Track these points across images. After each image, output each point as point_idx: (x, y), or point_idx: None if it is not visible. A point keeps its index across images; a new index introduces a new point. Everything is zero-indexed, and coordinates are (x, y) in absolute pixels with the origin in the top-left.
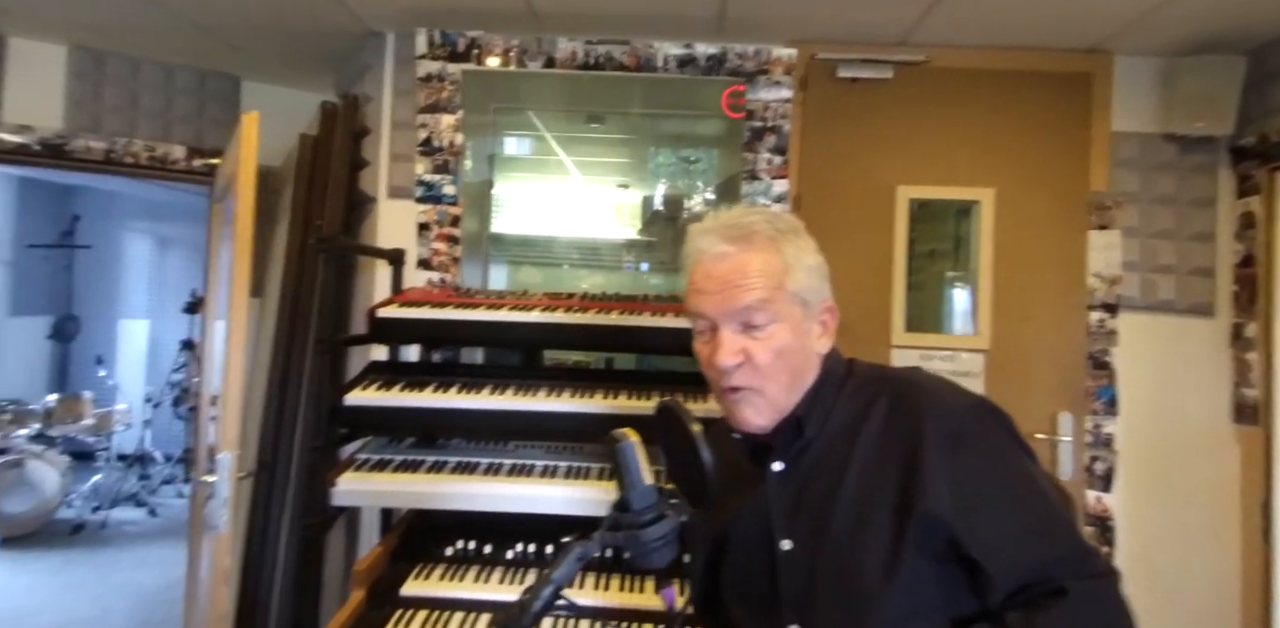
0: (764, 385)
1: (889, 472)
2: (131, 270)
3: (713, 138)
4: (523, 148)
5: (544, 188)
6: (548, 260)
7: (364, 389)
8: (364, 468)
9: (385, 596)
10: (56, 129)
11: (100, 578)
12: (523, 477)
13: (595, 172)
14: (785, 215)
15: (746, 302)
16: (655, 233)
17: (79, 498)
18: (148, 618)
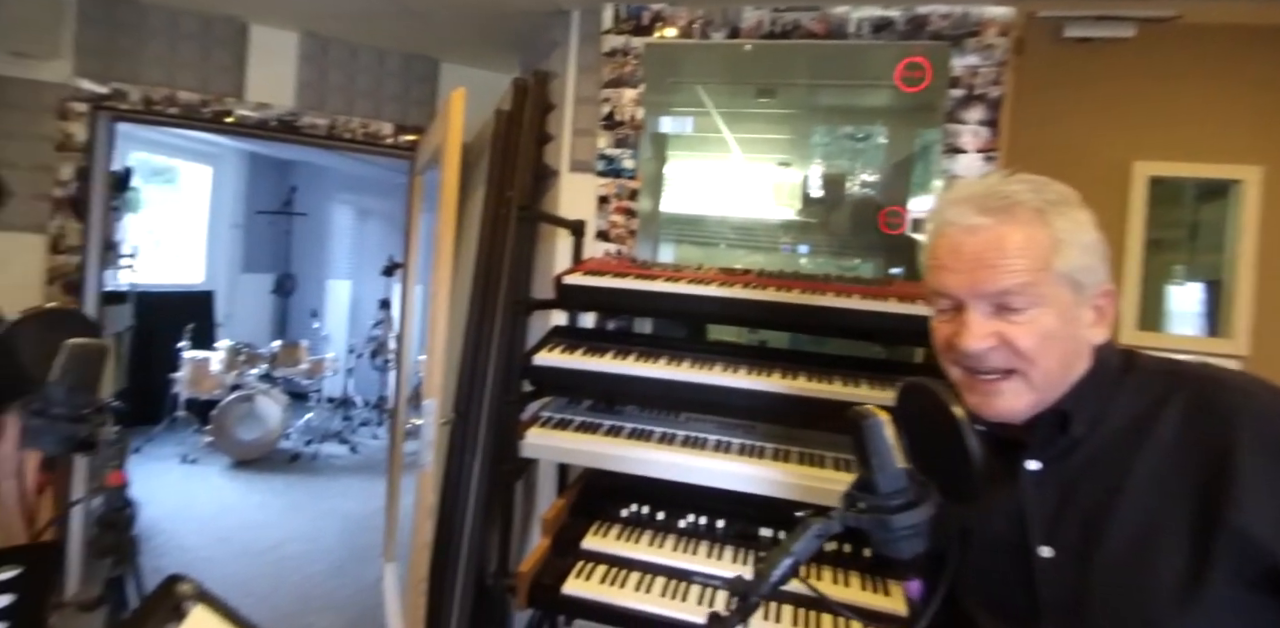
0: (1027, 368)
1: (1187, 482)
2: (337, 237)
3: (883, 113)
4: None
5: (706, 166)
6: (705, 239)
7: (549, 351)
8: (548, 425)
9: (568, 546)
10: (289, 107)
11: (314, 502)
12: (696, 449)
13: (757, 149)
14: (1055, 184)
15: (1004, 284)
16: (814, 214)
17: (295, 432)
18: (353, 540)
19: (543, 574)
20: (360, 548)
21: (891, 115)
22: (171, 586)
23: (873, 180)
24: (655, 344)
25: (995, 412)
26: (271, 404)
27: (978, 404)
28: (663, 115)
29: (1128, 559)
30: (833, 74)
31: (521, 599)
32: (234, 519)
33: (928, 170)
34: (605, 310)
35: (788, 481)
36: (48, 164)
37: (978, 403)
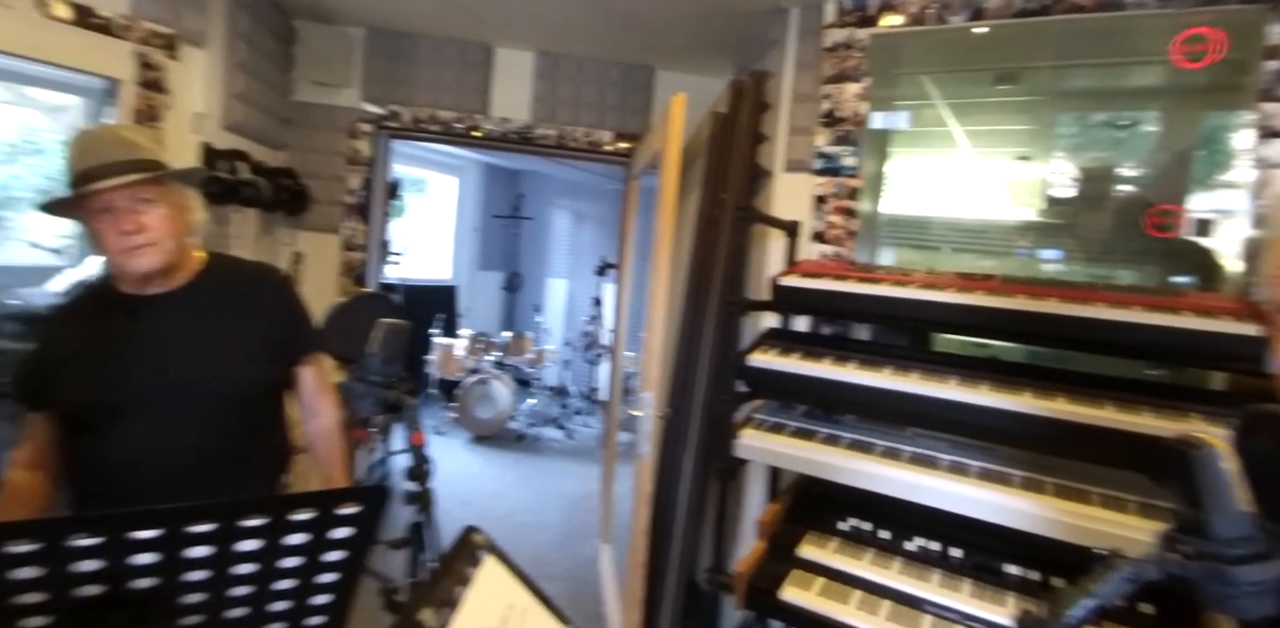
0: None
1: None
2: (556, 239)
3: (1154, 94)
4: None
5: (932, 163)
6: (928, 243)
7: (763, 353)
8: (762, 427)
9: (783, 552)
10: (525, 120)
11: (537, 479)
12: (926, 467)
13: (989, 143)
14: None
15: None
16: (1061, 214)
17: (521, 415)
18: (570, 518)
19: (759, 577)
20: (578, 525)
21: (1165, 97)
22: (469, 535)
23: (1138, 174)
24: (878, 352)
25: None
26: (503, 388)
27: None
28: (886, 110)
29: None
30: (1090, 52)
31: (739, 600)
32: (474, 486)
33: (1214, 161)
34: (822, 314)
35: (1042, 514)
36: (340, 175)
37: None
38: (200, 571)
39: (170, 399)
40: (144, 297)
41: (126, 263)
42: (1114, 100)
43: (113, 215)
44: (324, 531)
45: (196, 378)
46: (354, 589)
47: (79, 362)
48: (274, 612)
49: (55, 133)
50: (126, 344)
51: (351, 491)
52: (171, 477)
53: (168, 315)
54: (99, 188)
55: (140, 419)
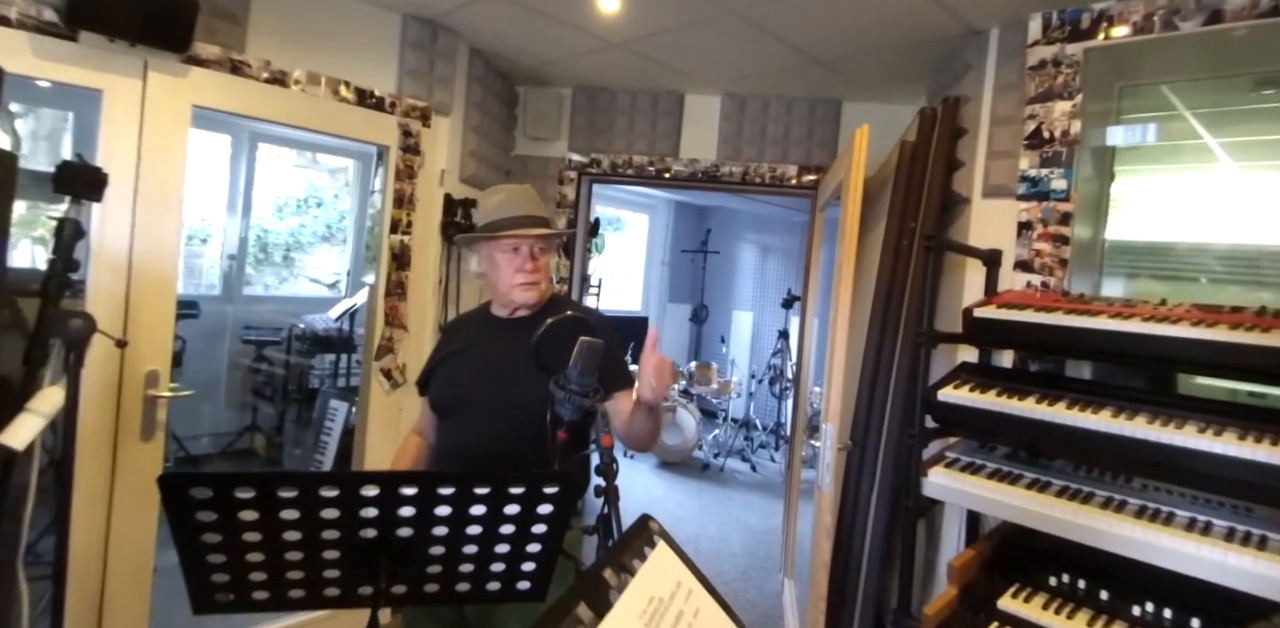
0: None
1: None
2: (742, 272)
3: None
4: (1150, 134)
5: (1174, 181)
6: (1174, 272)
7: (956, 388)
8: (954, 466)
9: (980, 602)
10: (712, 160)
11: (721, 509)
12: (1157, 523)
13: (1256, 155)
14: None
15: None
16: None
17: (706, 445)
18: (754, 550)
19: (949, 624)
20: (761, 558)
21: None
22: (646, 521)
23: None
24: (1095, 392)
25: None
26: (689, 416)
27: None
28: (1108, 126)
29: None
30: None
31: None
32: (659, 509)
33: None
34: (1023, 348)
35: None
36: (558, 217)
37: None
38: (441, 526)
39: (491, 400)
40: (508, 319)
41: (516, 293)
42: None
43: (518, 256)
44: (532, 505)
45: (508, 387)
46: (553, 559)
47: (448, 363)
48: (492, 572)
49: (332, 190)
50: (481, 354)
51: (553, 473)
52: (483, 457)
53: (516, 335)
54: (527, 234)
55: (473, 411)
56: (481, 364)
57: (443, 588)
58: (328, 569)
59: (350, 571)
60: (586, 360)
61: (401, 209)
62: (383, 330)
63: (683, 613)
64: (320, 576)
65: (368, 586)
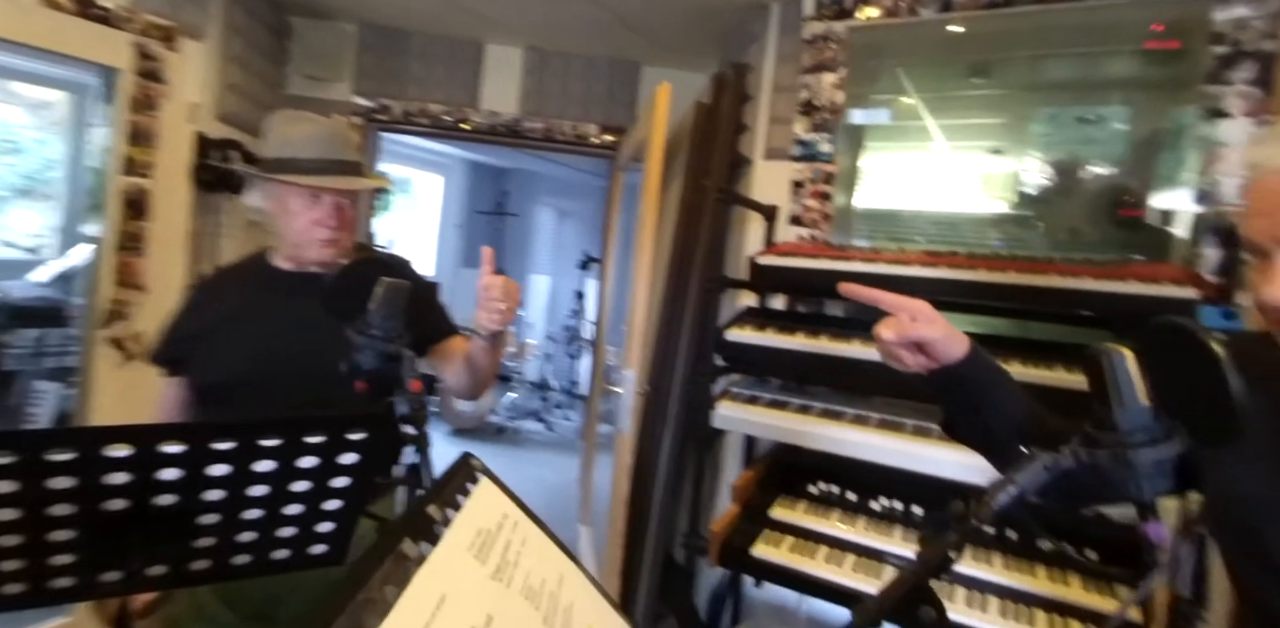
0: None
1: None
2: (540, 235)
3: (1124, 86)
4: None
5: (905, 158)
6: (901, 236)
7: (741, 328)
8: (738, 400)
9: (756, 514)
10: (513, 114)
11: (517, 469)
12: (892, 431)
13: (963, 136)
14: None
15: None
16: (1032, 206)
17: (502, 409)
18: (551, 504)
19: (732, 537)
20: (559, 510)
21: (1135, 88)
22: (467, 458)
23: (1109, 165)
24: (848, 325)
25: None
26: None
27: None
28: (862, 105)
29: None
30: (1059, 44)
31: (713, 558)
32: None
33: (1180, 152)
34: (798, 292)
35: None
36: None
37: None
38: (217, 489)
39: (289, 378)
40: (297, 274)
41: (312, 250)
42: (1083, 94)
43: (320, 206)
44: (334, 454)
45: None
46: (357, 515)
47: (217, 333)
48: (280, 538)
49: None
50: (267, 318)
51: (360, 415)
52: None
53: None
54: (339, 187)
55: (264, 394)
56: (270, 332)
57: (216, 564)
58: (58, 555)
59: (91, 554)
60: (391, 303)
61: (139, 147)
62: (112, 293)
63: (510, 543)
64: (47, 564)
65: (116, 571)
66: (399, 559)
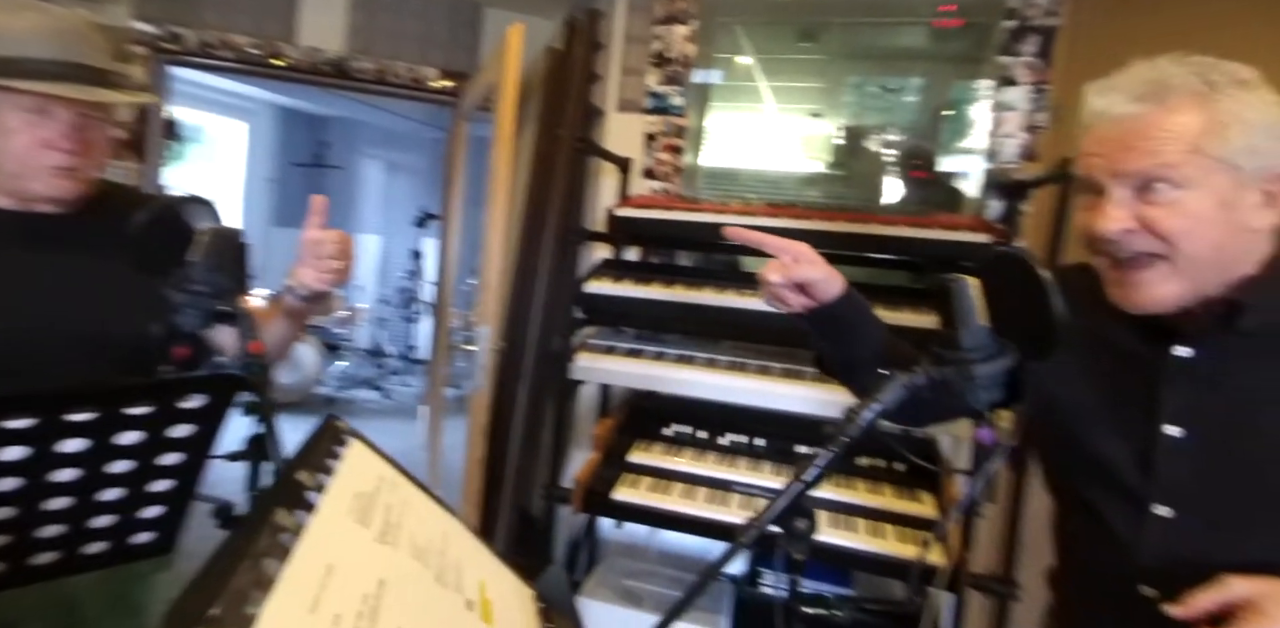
0: (1171, 253)
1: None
2: (367, 191)
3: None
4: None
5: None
6: (739, 194)
7: (600, 280)
8: (595, 351)
9: (615, 460)
10: (339, 51)
11: None
12: (739, 371)
13: (790, 99)
14: (1227, 65)
15: (1140, 165)
16: (844, 167)
17: (330, 379)
18: None
19: (595, 483)
20: None
21: (933, 60)
22: (332, 420)
23: (906, 130)
24: (700, 275)
25: (1137, 303)
26: (308, 349)
27: (1121, 296)
28: (707, 64)
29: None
30: (874, 14)
31: (577, 504)
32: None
33: (964, 119)
34: (656, 243)
35: (830, 399)
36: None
37: (1121, 295)
38: (9, 478)
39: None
40: (25, 216)
41: (39, 180)
42: (889, 63)
43: (48, 122)
44: (162, 428)
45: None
46: (191, 495)
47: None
48: (93, 529)
49: None
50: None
51: (200, 379)
52: None
53: (61, 242)
54: (77, 96)
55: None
56: (20, 296)
57: (12, 567)
58: None
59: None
60: (218, 252)
61: None
62: None
63: (392, 504)
64: None
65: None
66: (274, 532)
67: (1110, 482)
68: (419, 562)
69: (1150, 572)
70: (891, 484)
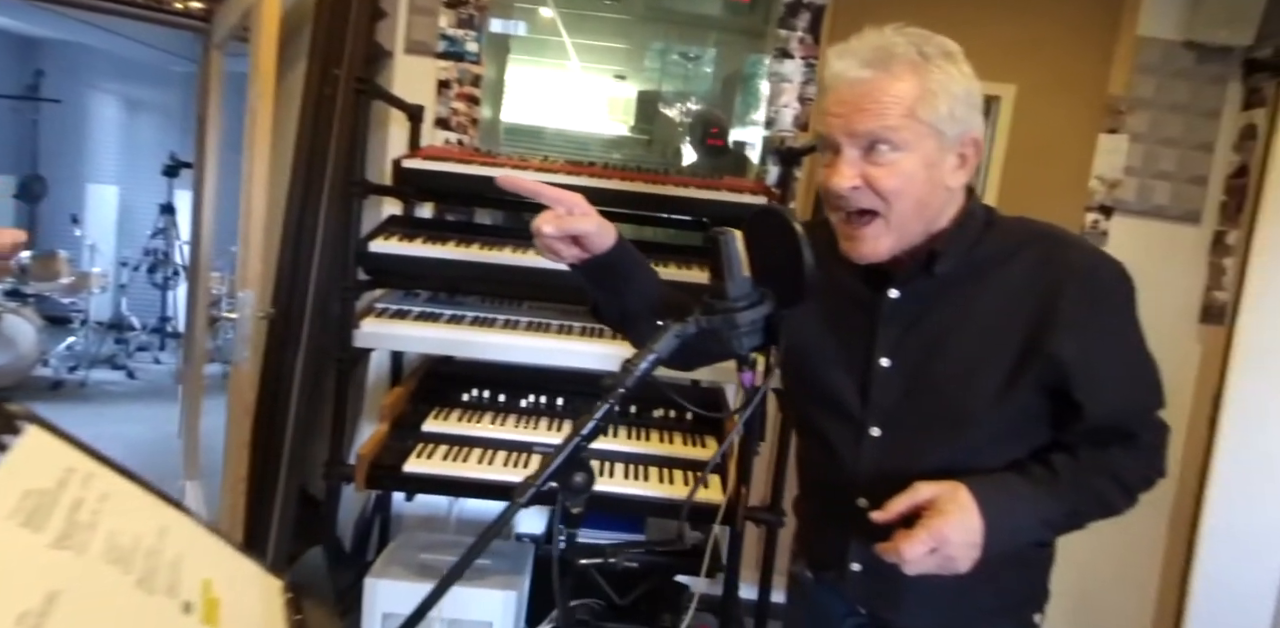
0: (886, 210)
1: (1021, 316)
2: (100, 133)
3: (717, 25)
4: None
5: (545, 74)
6: (537, 151)
7: (386, 239)
8: (385, 315)
9: (408, 431)
10: None
11: (87, 430)
12: (540, 332)
13: (594, 58)
14: (937, 38)
15: (869, 126)
16: (645, 130)
17: (55, 358)
18: (147, 464)
19: (383, 457)
20: (158, 470)
21: (725, 30)
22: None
23: (704, 99)
24: (499, 233)
25: (860, 254)
26: (23, 323)
27: (848, 248)
28: (510, 17)
29: (957, 371)
30: None
31: (360, 482)
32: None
33: (754, 89)
34: (448, 198)
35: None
36: None
37: (848, 247)
38: None
39: None
40: None
41: None
42: (686, 31)
43: None
44: None
45: None
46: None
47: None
48: None
49: None
50: None
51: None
52: None
53: None
54: None
55: None
56: None
57: None
58: None
59: None
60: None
61: None
62: None
63: (83, 501)
64: None
65: None
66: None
67: (838, 411)
68: (116, 566)
69: (865, 486)
70: (682, 433)
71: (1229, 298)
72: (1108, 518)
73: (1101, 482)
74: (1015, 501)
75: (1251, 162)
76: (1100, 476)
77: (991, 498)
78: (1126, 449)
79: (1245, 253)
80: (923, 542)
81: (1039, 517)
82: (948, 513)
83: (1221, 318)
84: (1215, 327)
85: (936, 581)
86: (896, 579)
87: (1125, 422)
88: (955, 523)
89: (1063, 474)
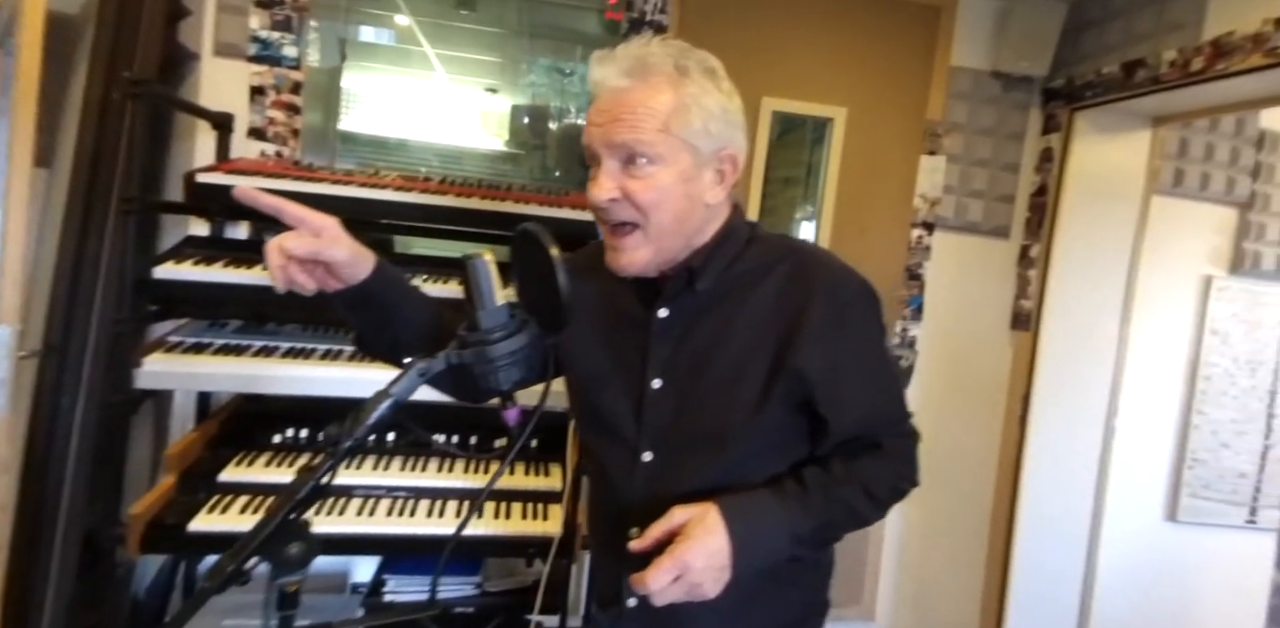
0: (644, 222)
1: (773, 331)
2: None
3: (589, 39)
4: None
5: (403, 83)
6: (403, 166)
7: (178, 263)
8: (176, 350)
9: (200, 481)
10: None
11: None
12: (365, 363)
13: (462, 70)
14: (698, 52)
15: (624, 138)
16: (522, 146)
17: None
18: None
19: (165, 514)
20: None
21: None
22: None
23: (580, 111)
24: None
25: (621, 266)
26: None
27: (611, 259)
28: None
29: (719, 387)
30: None
31: (133, 546)
32: None
33: None
34: (255, 217)
35: None
36: None
37: (610, 258)
38: None
39: None
40: None
41: None
42: (561, 41)
43: None
44: None
45: None
46: None
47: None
48: None
49: None
50: None
51: None
52: None
53: None
54: None
55: None
56: None
57: None
58: None
59: None
60: None
61: None
62: None
63: None
64: None
65: None
66: None
67: (613, 436)
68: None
69: (639, 515)
70: (524, 462)
71: (1033, 306)
72: (859, 529)
73: (851, 493)
74: (765, 517)
75: (1049, 181)
76: (849, 486)
77: (740, 517)
78: (875, 459)
79: (1045, 265)
80: (666, 571)
81: (790, 532)
82: (692, 538)
83: (1028, 324)
84: (1023, 332)
85: (714, 605)
86: (673, 612)
87: (871, 432)
88: (698, 549)
89: (813, 488)
